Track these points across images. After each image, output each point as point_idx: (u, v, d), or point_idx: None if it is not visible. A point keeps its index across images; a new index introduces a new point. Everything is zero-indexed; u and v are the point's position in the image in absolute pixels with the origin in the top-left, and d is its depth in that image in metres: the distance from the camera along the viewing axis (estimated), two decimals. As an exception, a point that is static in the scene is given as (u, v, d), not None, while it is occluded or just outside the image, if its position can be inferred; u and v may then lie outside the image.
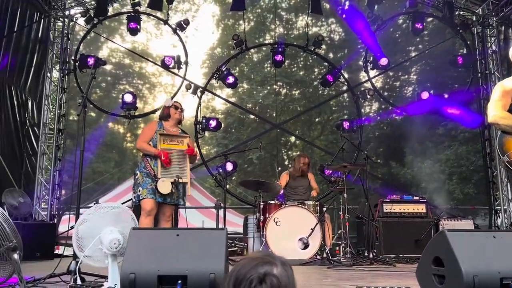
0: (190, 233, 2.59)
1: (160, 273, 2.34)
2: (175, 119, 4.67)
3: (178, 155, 4.46)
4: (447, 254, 2.40)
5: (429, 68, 15.93)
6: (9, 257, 2.26)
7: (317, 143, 16.67)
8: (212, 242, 2.51)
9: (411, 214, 6.25)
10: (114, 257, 2.60)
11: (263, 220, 5.62)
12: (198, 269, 2.36)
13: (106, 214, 2.72)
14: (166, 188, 4.25)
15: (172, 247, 2.46)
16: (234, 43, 8.56)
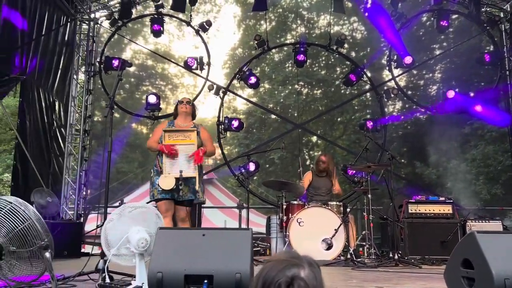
0: (215, 233, 2.61)
1: (187, 273, 2.37)
2: (183, 113, 4.55)
3: (185, 150, 4.26)
4: (476, 256, 2.35)
5: (454, 66, 15.60)
6: (41, 255, 2.32)
7: (339, 143, 16.54)
8: (238, 242, 2.53)
9: (437, 215, 6.13)
10: (142, 256, 2.65)
11: (286, 221, 5.61)
12: (224, 269, 2.38)
13: (133, 213, 2.76)
14: (167, 184, 4.08)
15: (198, 247, 2.48)
16: (256, 44, 8.57)
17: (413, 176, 14.48)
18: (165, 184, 4.08)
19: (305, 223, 5.44)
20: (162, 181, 4.10)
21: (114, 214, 2.75)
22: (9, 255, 2.34)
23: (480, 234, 2.43)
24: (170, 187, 4.07)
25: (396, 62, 8.76)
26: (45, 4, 7.41)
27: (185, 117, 4.57)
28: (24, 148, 6.80)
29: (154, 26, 8.28)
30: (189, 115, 4.59)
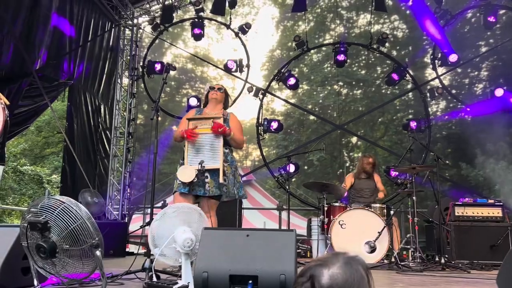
0: (259, 234, 2.62)
1: (232, 273, 2.40)
2: (213, 100, 4.13)
3: (210, 139, 3.87)
4: (533, 261, 2.25)
5: (502, 63, 14.93)
6: (92, 253, 2.40)
7: (380, 144, 16.21)
8: (282, 243, 2.53)
9: (485, 218, 5.89)
10: (187, 256, 2.69)
11: (328, 223, 5.55)
12: (268, 270, 2.39)
13: (178, 213, 2.81)
14: (186, 176, 3.64)
15: (243, 247, 2.50)
16: (295, 44, 8.56)
17: (459, 178, 13.98)
18: (183, 176, 3.67)
19: (347, 226, 5.37)
20: (180, 173, 3.69)
21: (160, 214, 2.81)
22: (63, 253, 2.43)
23: (537, 239, 2.31)
24: (189, 179, 3.64)
25: (440, 61, 8.50)
26: (91, 11, 7.70)
27: (215, 105, 4.17)
28: (72, 150, 7.09)
29: (195, 30, 8.42)
30: (220, 102, 4.19)
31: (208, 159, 3.80)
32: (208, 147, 3.86)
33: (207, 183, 3.77)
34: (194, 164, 3.73)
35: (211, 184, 3.78)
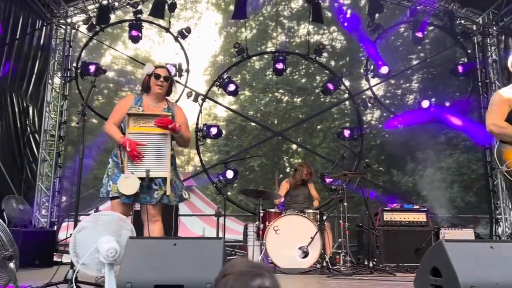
0: (187, 243, 2.60)
1: (157, 283, 2.35)
2: (156, 93, 3.54)
3: (156, 141, 3.39)
4: (444, 264, 2.39)
5: (431, 76, 15.95)
6: (5, 265, 2.26)
7: (318, 151, 16.66)
8: (209, 251, 2.52)
9: (411, 223, 6.21)
10: (111, 266, 2.60)
11: (263, 229, 5.60)
12: (195, 279, 2.36)
13: (104, 222, 2.72)
14: (130, 188, 3.21)
15: (169, 256, 2.46)
16: (235, 51, 8.60)
17: (391, 184, 14.68)
18: (126, 188, 3.21)
19: (281, 231, 5.44)
20: (122, 185, 3.22)
21: (83, 222, 2.70)
22: (-28, 266, 2.27)
23: (448, 243, 2.47)
24: (133, 192, 3.21)
25: (373, 72, 8.90)
26: (20, 9, 7.29)
27: (159, 96, 3.58)
28: (-5, 154, 6.65)
29: (132, 32, 8.23)
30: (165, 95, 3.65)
31: (154, 166, 3.35)
32: (154, 151, 3.37)
33: (155, 190, 3.36)
34: (138, 172, 3.27)
35: (160, 191, 3.37)
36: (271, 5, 17.65)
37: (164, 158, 3.39)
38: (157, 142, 3.40)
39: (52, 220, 7.95)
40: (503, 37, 8.41)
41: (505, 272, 2.34)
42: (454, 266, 2.31)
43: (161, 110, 3.53)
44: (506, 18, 8.18)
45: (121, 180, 3.23)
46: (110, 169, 3.42)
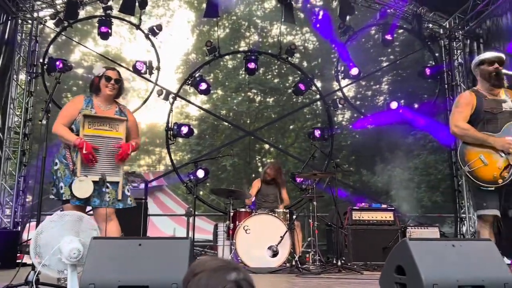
0: (153, 243, 2.56)
1: (121, 284, 2.31)
2: (107, 95, 3.51)
3: (109, 145, 3.40)
4: (408, 262, 2.44)
5: (400, 78, 16.29)
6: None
7: (290, 151, 16.76)
8: (176, 251, 2.49)
9: (379, 222, 6.33)
10: (74, 267, 2.54)
11: (233, 228, 5.59)
12: (160, 279, 2.34)
13: (67, 222, 2.65)
14: (83, 191, 3.22)
15: (134, 257, 2.42)
16: (207, 50, 8.54)
17: (361, 184, 14.92)
18: (79, 191, 3.21)
19: (251, 231, 5.44)
20: (76, 188, 3.21)
21: (46, 222, 2.62)
22: None
23: (411, 242, 2.52)
24: (86, 195, 3.22)
25: (343, 73, 9.01)
26: (-18, 1, 7.03)
27: (110, 98, 3.55)
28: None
29: (102, 28, 8.06)
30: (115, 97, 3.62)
31: (108, 170, 3.37)
32: (107, 155, 3.39)
33: (107, 193, 3.34)
34: (91, 175, 3.27)
35: (112, 194, 3.38)
36: (244, 5, 17.62)
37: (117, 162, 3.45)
38: (111, 146, 3.42)
39: (16, 220, 7.69)
40: (468, 41, 8.65)
41: (465, 269, 2.41)
42: (417, 264, 2.37)
43: (113, 113, 3.53)
44: (472, 23, 8.43)
45: (75, 183, 3.22)
46: (59, 171, 3.35)
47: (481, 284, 2.35)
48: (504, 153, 3.36)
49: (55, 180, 3.37)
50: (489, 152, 3.39)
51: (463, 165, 3.47)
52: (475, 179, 3.38)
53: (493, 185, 3.34)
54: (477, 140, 3.43)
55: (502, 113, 3.49)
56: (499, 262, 2.52)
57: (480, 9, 8.04)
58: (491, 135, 3.42)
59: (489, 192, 3.37)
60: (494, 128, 3.46)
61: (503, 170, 3.34)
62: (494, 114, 3.49)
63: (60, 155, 3.40)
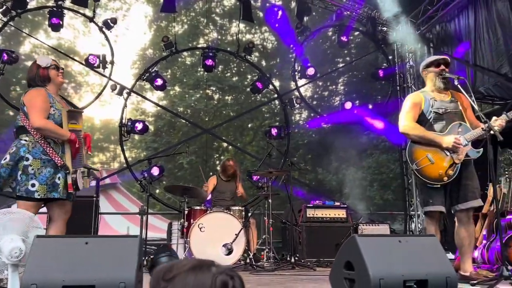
0: (100, 241, 2.47)
1: (65, 283, 2.21)
2: (59, 84, 3.50)
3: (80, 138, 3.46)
4: (357, 258, 2.49)
5: (356, 79, 16.71)
6: None
7: (248, 149, 16.80)
8: (124, 250, 2.42)
9: (332, 219, 6.47)
10: (15, 267, 2.42)
11: (187, 226, 5.53)
12: (107, 279, 2.26)
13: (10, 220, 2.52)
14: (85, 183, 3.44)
15: (80, 255, 2.33)
16: (163, 45, 8.40)
17: (317, 182, 15.20)
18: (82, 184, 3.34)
19: (206, 229, 5.40)
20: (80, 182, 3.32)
21: (-16, 221, 2.48)
22: None
23: (360, 238, 2.57)
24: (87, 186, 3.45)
25: (300, 73, 9.12)
26: None
27: (59, 87, 3.55)
28: None
29: (53, 20, 7.73)
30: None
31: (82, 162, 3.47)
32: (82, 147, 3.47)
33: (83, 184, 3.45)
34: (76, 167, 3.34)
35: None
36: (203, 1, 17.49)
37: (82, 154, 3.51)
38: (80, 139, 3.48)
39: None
40: (419, 44, 8.99)
41: (410, 265, 2.48)
42: (365, 260, 2.42)
43: (65, 105, 3.50)
44: (423, 27, 8.76)
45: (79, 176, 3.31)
46: (32, 166, 3.17)
47: (425, 279, 2.42)
48: (450, 152, 3.51)
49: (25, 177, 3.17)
50: (435, 151, 3.53)
51: (411, 163, 3.59)
52: (422, 177, 3.51)
53: (439, 182, 3.49)
54: (425, 140, 3.57)
55: (448, 114, 3.65)
56: (442, 257, 2.62)
57: (430, 14, 8.38)
58: (437, 135, 3.57)
59: (435, 189, 3.51)
60: (440, 128, 3.61)
61: (448, 168, 3.48)
62: (440, 114, 3.64)
63: (34, 150, 3.22)
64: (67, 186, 3.25)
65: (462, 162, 3.51)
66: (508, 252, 4.67)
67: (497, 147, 7.43)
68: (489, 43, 6.96)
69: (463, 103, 3.73)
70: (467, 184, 3.55)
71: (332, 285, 2.75)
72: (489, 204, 5.00)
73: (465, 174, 3.56)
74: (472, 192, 3.54)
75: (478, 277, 3.35)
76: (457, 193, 3.57)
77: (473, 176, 3.60)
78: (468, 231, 3.57)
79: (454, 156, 3.50)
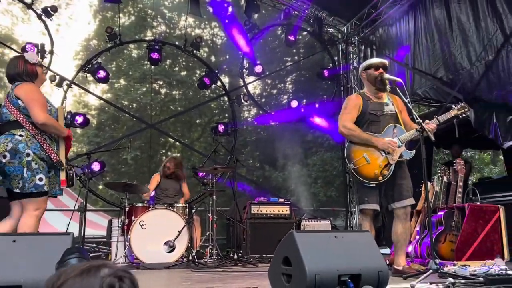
0: (29, 239, 2.37)
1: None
2: (43, 81, 3.62)
3: None
4: (294, 254, 2.53)
5: (303, 78, 17.00)
6: None
7: (196, 145, 16.65)
8: (55, 248, 2.32)
9: (276, 216, 6.55)
10: None
11: (128, 224, 5.40)
12: (35, 278, 2.16)
13: None
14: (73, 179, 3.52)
15: (7, 254, 2.22)
16: (107, 36, 8.12)
17: (264, 179, 15.32)
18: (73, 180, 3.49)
19: (148, 226, 5.29)
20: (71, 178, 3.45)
21: None
22: None
23: (298, 233, 2.62)
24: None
25: (248, 70, 9.15)
26: None
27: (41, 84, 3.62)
28: None
29: (-14, 4, 7.27)
30: None
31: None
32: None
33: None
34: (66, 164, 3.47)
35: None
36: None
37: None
38: None
39: None
40: (363, 47, 9.30)
41: (345, 259, 2.56)
42: (302, 255, 2.47)
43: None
44: (366, 30, 9.06)
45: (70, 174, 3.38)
46: (34, 162, 3.18)
47: (358, 273, 2.50)
48: (385, 153, 3.65)
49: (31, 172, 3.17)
50: (372, 151, 3.67)
51: (348, 162, 3.71)
52: (359, 176, 3.63)
53: (374, 182, 3.62)
54: (362, 140, 3.69)
55: (384, 116, 3.80)
56: (375, 252, 2.72)
57: (373, 18, 8.68)
58: (374, 136, 3.70)
59: (371, 188, 3.65)
60: (377, 129, 3.75)
61: (383, 168, 3.63)
62: (377, 116, 3.78)
63: (32, 146, 3.21)
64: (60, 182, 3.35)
65: (396, 162, 3.66)
66: (439, 247, 4.96)
67: (432, 147, 7.85)
68: (427, 48, 7.32)
69: (398, 106, 3.89)
70: (401, 184, 3.72)
71: (270, 280, 2.78)
72: (423, 201, 5.28)
73: (399, 174, 3.72)
74: (407, 191, 3.71)
75: (410, 270, 3.51)
76: (392, 192, 3.73)
77: (406, 176, 3.77)
78: (404, 228, 3.74)
79: (389, 156, 3.65)
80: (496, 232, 5.02)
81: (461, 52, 6.57)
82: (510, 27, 5.73)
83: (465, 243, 4.84)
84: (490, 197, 6.45)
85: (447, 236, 4.96)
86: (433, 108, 7.66)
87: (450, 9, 6.76)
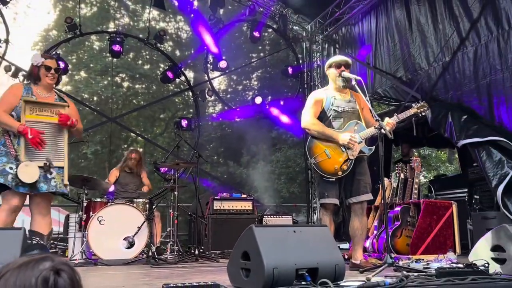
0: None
1: None
2: (47, 84, 3.62)
3: (52, 130, 3.51)
4: (253, 248, 2.54)
5: (269, 75, 17.05)
6: None
7: (160, 141, 16.41)
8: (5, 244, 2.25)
9: (238, 211, 6.56)
10: None
11: (86, 219, 5.26)
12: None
13: None
14: (31, 175, 3.29)
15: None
16: (67, 27, 7.85)
17: (228, 175, 15.29)
18: (27, 176, 3.27)
19: (106, 222, 5.18)
20: (22, 172, 3.25)
21: None
22: None
23: (257, 228, 2.64)
24: (33, 179, 3.29)
25: (212, 65, 9.09)
26: None
27: (48, 86, 3.66)
28: None
29: None
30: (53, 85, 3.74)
31: (52, 155, 3.48)
32: (51, 140, 3.50)
33: (53, 178, 3.46)
34: (35, 160, 3.37)
35: (57, 179, 3.51)
36: (114, -16, 16.67)
37: (61, 147, 3.55)
38: (53, 131, 3.52)
39: None
40: (326, 45, 9.42)
41: (303, 254, 2.60)
42: (260, 249, 2.48)
43: (53, 100, 3.65)
44: (330, 28, 9.18)
45: (21, 168, 3.27)
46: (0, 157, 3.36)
47: (316, 267, 2.54)
48: (345, 148, 3.72)
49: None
50: (333, 147, 3.73)
51: (310, 157, 3.76)
52: (319, 171, 3.69)
53: (334, 176, 3.69)
54: (324, 136, 3.75)
55: (346, 112, 3.87)
56: (332, 246, 2.77)
57: (337, 17, 8.80)
58: (335, 131, 3.76)
59: (331, 182, 3.71)
60: (338, 125, 3.82)
61: (343, 163, 3.70)
62: (339, 112, 3.85)
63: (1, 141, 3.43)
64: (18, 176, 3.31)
65: (356, 158, 3.74)
66: (395, 241, 5.11)
67: (391, 144, 8.07)
68: (388, 48, 7.50)
69: (360, 103, 3.98)
70: (360, 179, 3.80)
71: (229, 275, 2.79)
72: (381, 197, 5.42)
73: (359, 169, 3.81)
74: (364, 187, 3.80)
75: (367, 264, 3.60)
76: (350, 187, 3.81)
77: (365, 172, 3.86)
78: (361, 223, 3.82)
79: (349, 152, 3.72)
80: (449, 227, 5.23)
81: (420, 53, 6.77)
82: (466, 30, 5.95)
83: (420, 237, 5.01)
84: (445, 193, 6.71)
85: (403, 231, 5.12)
86: (392, 107, 7.86)
87: (410, 10, 6.94)
